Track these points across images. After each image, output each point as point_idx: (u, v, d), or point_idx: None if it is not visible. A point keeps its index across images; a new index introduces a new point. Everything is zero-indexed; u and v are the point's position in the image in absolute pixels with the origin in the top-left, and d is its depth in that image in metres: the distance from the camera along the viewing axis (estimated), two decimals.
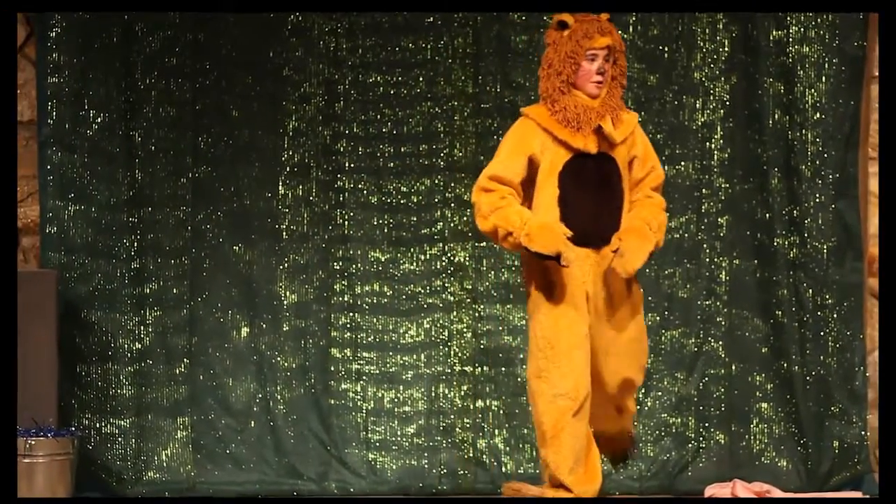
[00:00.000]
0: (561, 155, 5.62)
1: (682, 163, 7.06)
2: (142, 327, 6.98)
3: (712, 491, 6.64)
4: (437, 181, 7.07)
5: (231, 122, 7.03)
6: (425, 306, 7.06)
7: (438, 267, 7.07)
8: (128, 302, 6.97)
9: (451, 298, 7.05)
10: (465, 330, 7.05)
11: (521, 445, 7.02)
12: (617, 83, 5.73)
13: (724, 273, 7.04)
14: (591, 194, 5.63)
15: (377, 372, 7.04)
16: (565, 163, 5.62)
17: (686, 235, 7.06)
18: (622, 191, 5.70)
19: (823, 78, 6.94)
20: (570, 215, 5.58)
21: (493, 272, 7.07)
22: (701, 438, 7.01)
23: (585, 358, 5.60)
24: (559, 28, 5.71)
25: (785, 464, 6.97)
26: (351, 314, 7.05)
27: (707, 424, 7.01)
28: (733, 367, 7.02)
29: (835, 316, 6.92)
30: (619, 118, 5.69)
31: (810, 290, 6.93)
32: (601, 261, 5.64)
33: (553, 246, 5.45)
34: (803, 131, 6.94)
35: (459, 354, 7.05)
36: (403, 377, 7.05)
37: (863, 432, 6.87)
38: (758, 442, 7.00)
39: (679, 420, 7.02)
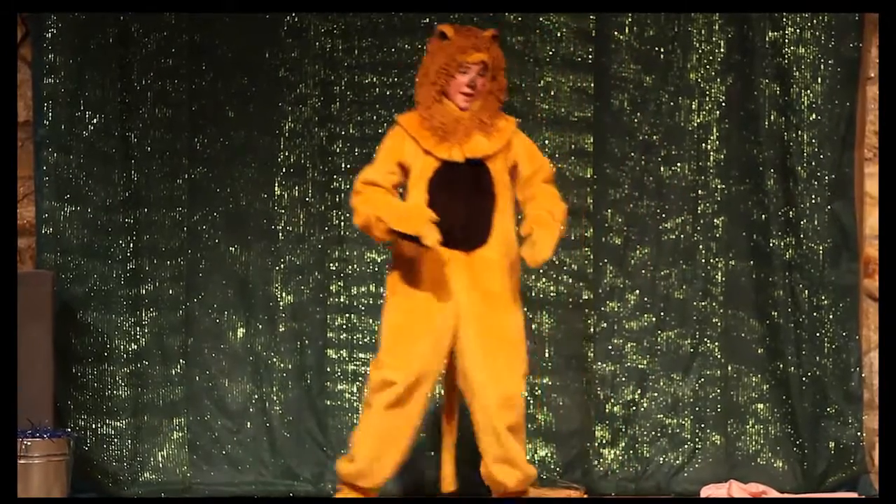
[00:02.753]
0: (430, 162, 5.80)
1: (678, 164, 7.07)
2: (138, 328, 6.98)
3: (708, 492, 6.64)
4: None
5: (227, 123, 7.03)
6: None
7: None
8: (124, 303, 6.96)
9: None
10: None
11: None
12: (494, 98, 5.90)
13: (719, 274, 7.05)
14: (462, 200, 5.79)
15: None
16: (435, 170, 5.78)
17: (682, 236, 7.06)
18: (494, 196, 5.83)
19: (819, 79, 6.94)
20: (439, 219, 5.67)
21: None
22: (697, 439, 7.02)
23: (429, 355, 5.74)
24: (440, 38, 5.87)
25: (781, 464, 6.97)
26: (347, 315, 7.05)
27: (703, 425, 7.02)
28: (729, 368, 7.03)
29: (830, 317, 6.93)
30: (492, 130, 5.84)
31: (806, 291, 6.93)
32: (472, 263, 5.79)
33: (416, 225, 5.58)
34: (799, 132, 6.94)
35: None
36: None
37: (858, 433, 6.87)
38: (754, 443, 7.00)
39: (675, 421, 7.03)
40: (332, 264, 7.07)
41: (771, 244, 6.97)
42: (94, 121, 6.94)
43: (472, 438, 5.96)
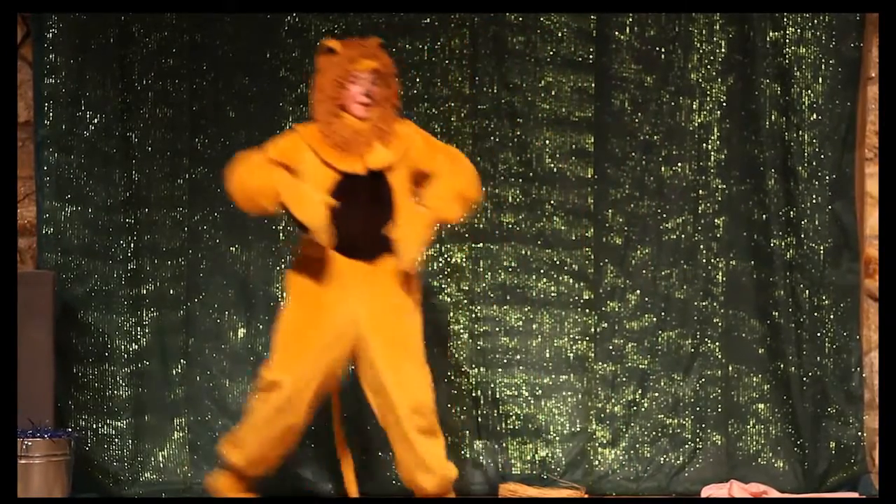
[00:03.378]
0: (328, 175, 5.83)
1: (679, 164, 7.07)
2: (138, 328, 6.98)
3: (709, 491, 6.65)
4: None
5: (228, 123, 7.03)
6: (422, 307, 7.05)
7: (435, 268, 7.07)
8: (124, 303, 6.96)
9: (448, 299, 7.05)
10: (461, 331, 7.05)
11: (517, 446, 7.02)
12: (390, 105, 5.94)
13: (720, 274, 7.05)
14: (362, 211, 5.82)
15: None
16: (336, 182, 5.82)
17: (683, 236, 7.06)
18: (392, 205, 5.86)
19: (820, 79, 6.94)
20: (339, 229, 5.73)
21: (489, 273, 7.07)
22: (698, 439, 7.01)
23: (320, 360, 5.80)
24: (327, 53, 5.90)
25: (782, 464, 6.97)
26: None
27: (704, 425, 7.02)
28: (730, 368, 7.02)
29: (831, 317, 6.93)
30: (392, 138, 5.89)
31: (807, 291, 6.93)
32: (375, 271, 5.84)
33: (311, 220, 5.66)
34: (800, 132, 6.94)
35: (456, 355, 7.05)
36: None
37: (859, 433, 6.87)
38: (754, 443, 7.00)
39: (676, 421, 7.03)
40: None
41: (772, 244, 6.97)
42: (95, 121, 6.94)
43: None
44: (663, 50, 7.05)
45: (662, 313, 7.06)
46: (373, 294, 5.85)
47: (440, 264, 7.05)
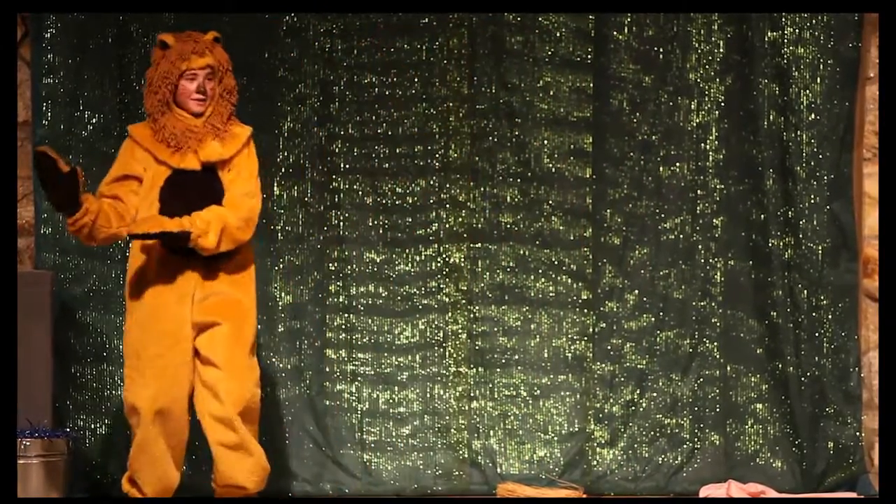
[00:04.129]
0: (161, 171, 5.80)
1: (677, 164, 7.07)
2: None
3: (707, 491, 6.65)
4: (432, 182, 7.07)
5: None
6: (420, 307, 7.06)
7: (433, 268, 7.07)
8: (123, 303, 6.93)
9: (447, 299, 7.05)
10: (460, 331, 7.05)
11: (516, 446, 7.02)
12: (225, 101, 5.92)
13: (718, 274, 7.05)
14: (194, 206, 5.75)
15: (372, 373, 7.04)
16: (166, 178, 5.79)
17: (681, 236, 7.06)
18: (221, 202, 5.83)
19: (818, 79, 6.94)
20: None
21: (488, 273, 7.07)
22: (696, 439, 7.01)
23: (174, 367, 5.76)
24: (161, 47, 5.90)
25: (780, 464, 6.97)
26: (346, 315, 7.05)
27: (702, 425, 7.01)
28: (728, 368, 7.02)
29: (829, 317, 6.93)
30: (227, 136, 5.87)
31: (805, 291, 6.93)
32: (207, 267, 5.80)
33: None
34: (798, 132, 6.94)
35: (454, 355, 7.05)
36: (398, 378, 7.05)
37: (857, 433, 6.87)
38: (753, 443, 7.00)
39: (674, 421, 7.03)
40: (331, 264, 7.07)
41: (770, 244, 6.97)
42: (94, 121, 6.94)
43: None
44: (662, 50, 7.05)
45: (661, 313, 7.05)
46: (205, 291, 5.81)
47: (438, 264, 7.05)
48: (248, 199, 5.88)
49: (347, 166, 7.03)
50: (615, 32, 7.04)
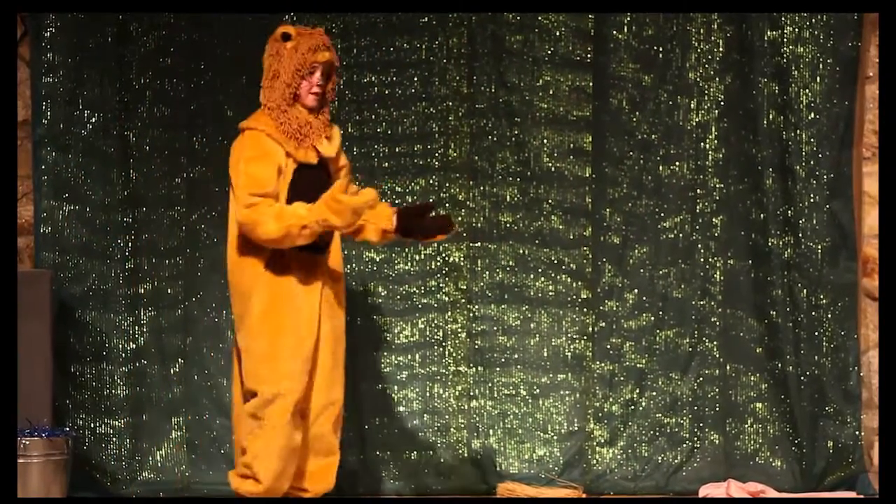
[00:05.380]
0: (290, 165, 5.76)
1: (677, 163, 7.07)
2: (136, 327, 6.98)
3: (707, 491, 6.65)
4: (431, 181, 7.07)
5: (226, 122, 7.01)
6: (420, 306, 7.06)
7: (433, 267, 7.07)
8: (122, 302, 6.96)
9: (446, 299, 7.05)
10: (459, 330, 7.05)
11: (515, 445, 7.02)
12: (330, 97, 5.92)
13: (718, 273, 7.05)
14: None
15: (372, 372, 7.04)
16: (294, 172, 5.75)
17: (681, 236, 7.07)
18: None
19: (818, 78, 6.94)
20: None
21: (487, 272, 7.07)
22: (696, 438, 7.02)
23: (306, 362, 5.72)
24: (283, 40, 5.81)
25: (779, 464, 6.97)
26: (347, 317, 7.03)
27: (702, 424, 7.02)
28: (728, 367, 7.03)
29: (829, 316, 6.93)
30: (330, 134, 5.88)
31: (804, 291, 6.93)
32: (328, 266, 5.82)
33: (349, 216, 5.59)
34: (797, 131, 6.94)
35: (454, 354, 7.05)
36: (398, 377, 7.05)
37: (857, 432, 6.87)
38: (752, 442, 7.01)
39: (674, 420, 7.03)
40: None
41: (769, 243, 6.97)
42: (93, 120, 6.94)
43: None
44: (661, 49, 7.05)
45: (660, 312, 7.06)
46: (328, 289, 5.81)
47: (438, 263, 7.06)
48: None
49: None
50: (615, 32, 7.05)
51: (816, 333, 6.93)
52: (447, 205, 7.05)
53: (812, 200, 6.93)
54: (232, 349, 6.03)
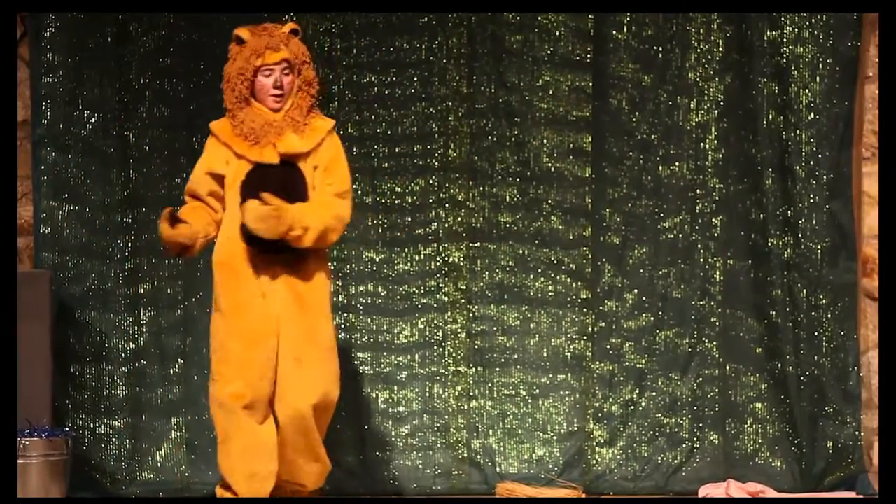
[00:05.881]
0: (243, 166, 5.74)
1: (677, 163, 7.07)
2: (136, 328, 6.98)
3: (706, 491, 6.65)
4: (431, 181, 7.07)
5: None
6: (419, 307, 7.06)
7: (433, 267, 7.07)
8: (122, 302, 6.96)
9: (446, 299, 7.05)
10: (459, 330, 7.05)
11: (515, 445, 7.02)
12: (304, 93, 5.83)
13: (718, 273, 7.05)
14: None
15: (371, 372, 7.04)
16: (247, 173, 5.72)
17: (680, 236, 7.06)
18: (305, 196, 5.76)
19: (817, 78, 6.94)
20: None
21: (487, 273, 7.07)
22: (695, 439, 7.02)
23: (262, 360, 5.67)
24: (237, 43, 5.82)
25: (779, 464, 6.97)
26: (345, 314, 7.04)
27: (701, 424, 7.02)
28: (727, 368, 7.02)
29: (829, 316, 6.93)
30: (306, 129, 5.78)
31: (804, 291, 6.93)
32: (286, 265, 5.73)
33: (166, 239, 5.71)
34: (797, 131, 6.94)
35: (454, 355, 7.05)
36: (398, 377, 7.05)
37: (857, 432, 6.87)
38: (752, 442, 7.00)
39: (673, 420, 7.03)
40: (330, 263, 7.05)
41: (769, 243, 6.97)
42: (93, 120, 6.94)
43: None
44: (661, 49, 7.05)
45: (660, 313, 7.06)
46: (287, 288, 5.75)
47: (437, 263, 7.05)
48: (341, 201, 5.82)
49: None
50: (614, 32, 7.04)
51: (816, 334, 6.93)
52: (447, 205, 7.05)
53: (812, 200, 6.93)
54: None
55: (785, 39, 6.95)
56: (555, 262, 7.05)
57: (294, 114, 5.80)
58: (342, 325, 7.03)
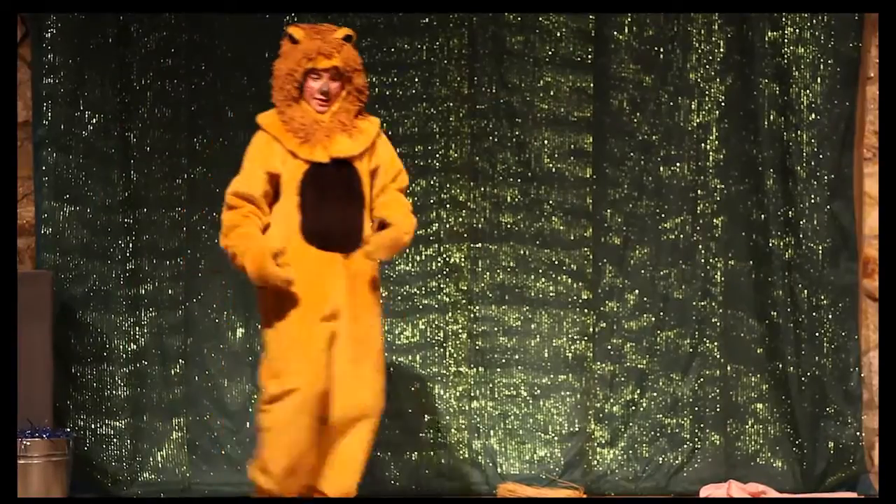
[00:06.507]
0: (298, 165, 5.64)
1: (678, 164, 7.07)
2: (137, 328, 6.99)
3: (708, 491, 6.65)
4: (432, 182, 7.07)
5: (226, 123, 7.03)
6: (421, 307, 7.06)
7: (434, 268, 7.07)
8: (123, 303, 6.97)
9: (447, 299, 7.05)
10: (460, 331, 7.05)
11: (516, 446, 7.02)
12: (353, 98, 5.74)
13: (719, 274, 7.05)
14: (333, 201, 5.64)
15: None
16: (304, 172, 5.63)
17: (681, 236, 7.06)
18: (363, 196, 5.71)
19: (818, 79, 6.94)
20: (312, 222, 5.61)
21: (488, 273, 7.07)
22: (696, 439, 7.02)
23: (320, 358, 5.58)
24: (290, 40, 5.71)
25: (780, 464, 6.97)
26: None
27: (702, 425, 7.02)
28: (728, 368, 7.03)
29: (830, 317, 6.93)
30: (354, 131, 5.70)
31: (805, 291, 6.93)
32: (350, 265, 5.65)
33: (263, 278, 5.49)
34: (798, 132, 6.94)
35: (455, 355, 7.05)
36: (399, 377, 7.04)
37: (858, 433, 6.87)
38: (753, 443, 7.01)
39: (674, 421, 7.03)
40: None
41: (770, 244, 6.97)
42: (94, 121, 6.94)
43: None
44: (662, 50, 7.05)
45: (661, 313, 7.06)
46: (348, 289, 5.65)
47: (439, 264, 7.06)
48: (411, 217, 5.77)
49: None
50: (615, 32, 7.05)
51: (817, 334, 6.93)
52: (448, 206, 7.05)
53: (813, 201, 6.93)
54: None
55: (786, 40, 6.95)
56: (556, 262, 7.05)
57: (341, 117, 5.71)
58: None
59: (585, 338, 7.05)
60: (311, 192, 5.62)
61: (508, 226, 7.07)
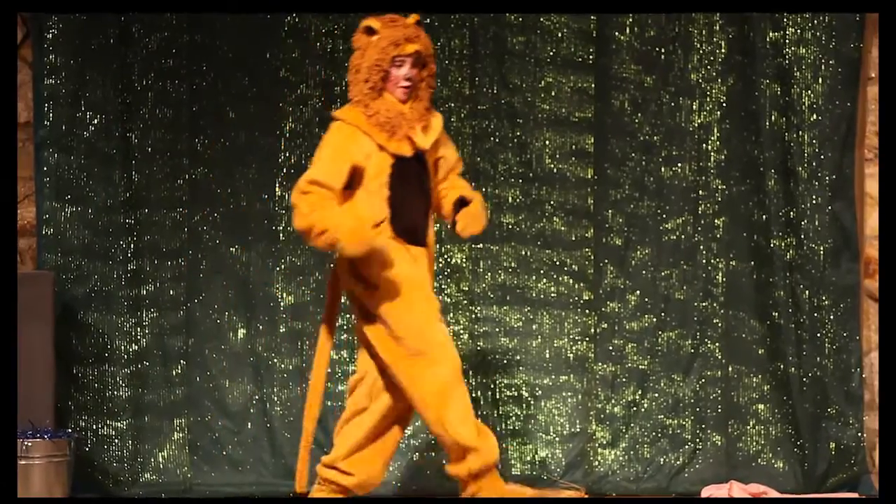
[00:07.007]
0: (385, 158, 5.65)
1: (679, 164, 7.07)
2: (138, 329, 6.99)
3: (709, 492, 6.65)
4: None
5: (228, 123, 7.04)
6: None
7: (435, 268, 7.06)
8: (124, 303, 6.97)
9: (448, 300, 7.05)
10: (461, 331, 7.05)
11: (517, 447, 7.02)
12: (426, 86, 5.77)
13: (720, 274, 7.05)
14: (414, 196, 5.70)
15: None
16: (391, 166, 5.65)
17: (683, 237, 7.06)
18: (430, 191, 5.79)
19: (820, 79, 6.94)
20: (401, 216, 5.64)
21: (489, 274, 7.07)
22: (698, 440, 7.02)
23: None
24: (367, 33, 5.70)
25: (781, 465, 6.97)
26: (347, 316, 7.03)
27: (704, 426, 7.02)
28: (730, 369, 7.03)
29: (831, 317, 6.93)
30: (428, 124, 5.75)
31: (807, 292, 6.93)
32: (427, 259, 5.75)
33: (363, 245, 5.48)
34: (800, 133, 6.94)
35: None
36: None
37: (859, 433, 6.87)
38: (754, 443, 7.00)
39: (676, 421, 7.03)
40: (332, 265, 7.05)
41: (771, 245, 6.97)
42: (95, 121, 6.95)
43: None
44: (663, 50, 7.05)
45: (662, 314, 7.06)
46: (432, 282, 5.81)
47: (440, 265, 7.05)
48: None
49: None
50: (617, 33, 7.05)
51: (818, 335, 6.93)
52: None
53: (814, 202, 6.93)
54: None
55: (787, 41, 6.95)
56: (557, 263, 7.05)
57: (419, 106, 5.73)
58: (344, 326, 7.03)
59: (587, 338, 7.05)
60: (398, 187, 5.65)
61: (510, 226, 7.07)
